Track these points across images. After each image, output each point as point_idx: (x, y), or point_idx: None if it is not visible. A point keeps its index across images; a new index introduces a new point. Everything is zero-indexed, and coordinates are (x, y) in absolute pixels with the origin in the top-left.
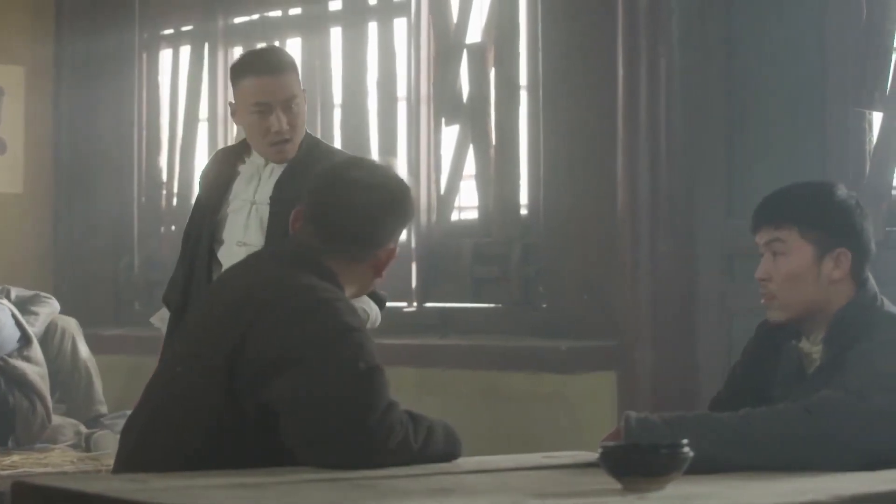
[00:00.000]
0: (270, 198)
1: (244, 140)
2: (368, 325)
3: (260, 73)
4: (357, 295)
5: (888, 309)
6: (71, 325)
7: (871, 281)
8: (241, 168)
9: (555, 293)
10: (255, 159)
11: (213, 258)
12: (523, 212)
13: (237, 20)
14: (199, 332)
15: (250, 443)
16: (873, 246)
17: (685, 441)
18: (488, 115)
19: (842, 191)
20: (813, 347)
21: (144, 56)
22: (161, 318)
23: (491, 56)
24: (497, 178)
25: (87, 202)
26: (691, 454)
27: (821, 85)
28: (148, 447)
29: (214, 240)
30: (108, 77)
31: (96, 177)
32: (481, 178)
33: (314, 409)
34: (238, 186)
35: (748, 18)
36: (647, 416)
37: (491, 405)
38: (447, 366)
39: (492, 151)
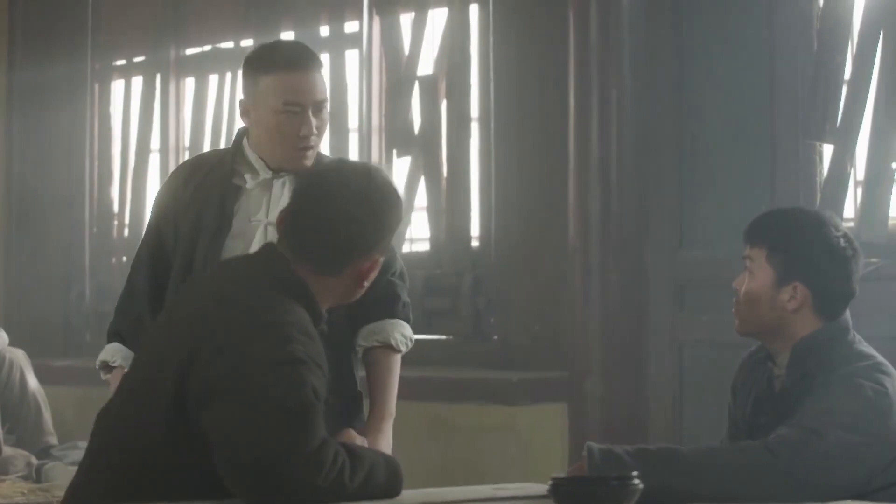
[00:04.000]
0: None
1: (233, 150)
2: (405, 349)
3: (293, 68)
4: (337, 304)
5: (858, 346)
6: (19, 356)
7: (846, 316)
8: (239, 182)
9: (505, 325)
10: (260, 174)
11: None
12: (474, 243)
13: (189, 51)
14: (155, 350)
15: (199, 466)
16: (848, 288)
17: (635, 473)
18: (440, 146)
19: (830, 230)
20: (780, 370)
21: (96, 87)
22: (121, 355)
23: (443, 88)
24: (448, 210)
25: (38, 232)
26: (641, 486)
27: (771, 117)
28: (99, 469)
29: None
30: (59, 107)
31: (47, 207)
32: (433, 209)
33: (238, 445)
34: (244, 204)
35: (699, 50)
36: (610, 448)
37: (441, 437)
38: (398, 397)
39: (443, 183)
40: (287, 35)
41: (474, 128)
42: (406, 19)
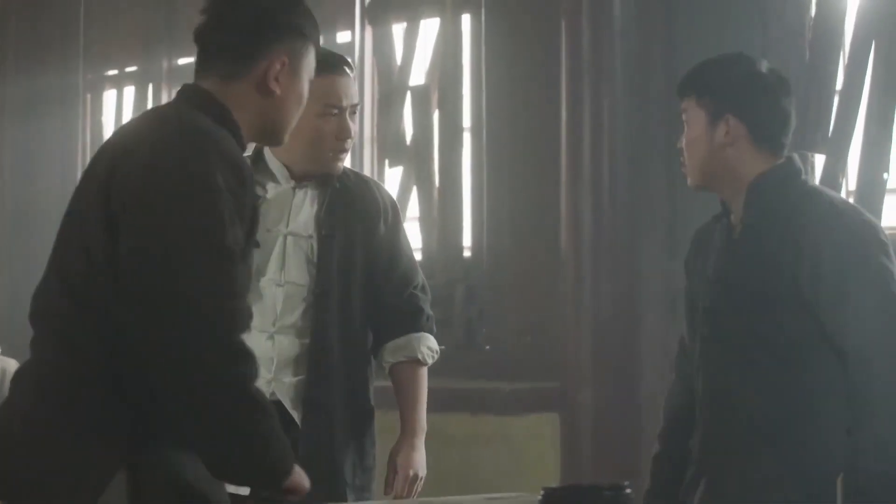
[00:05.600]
0: (322, 232)
1: (253, 159)
2: (431, 362)
3: (332, 71)
4: (256, 133)
5: (812, 185)
6: (12, 366)
7: (796, 158)
8: (259, 192)
9: (498, 335)
10: (282, 183)
11: None
12: (466, 254)
13: (181, 61)
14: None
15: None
16: (781, 114)
17: (627, 483)
18: (432, 157)
19: (752, 62)
20: (737, 219)
21: (88, 96)
22: None
23: (435, 98)
24: (440, 220)
25: (31, 242)
26: (633, 496)
27: None
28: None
29: None
30: (52, 117)
31: (40, 217)
32: (425, 219)
33: (150, 274)
34: (263, 214)
35: (691, 60)
36: None
37: (433, 447)
38: (389, 407)
39: (435, 193)
40: None
41: (466, 138)
42: (398, 29)
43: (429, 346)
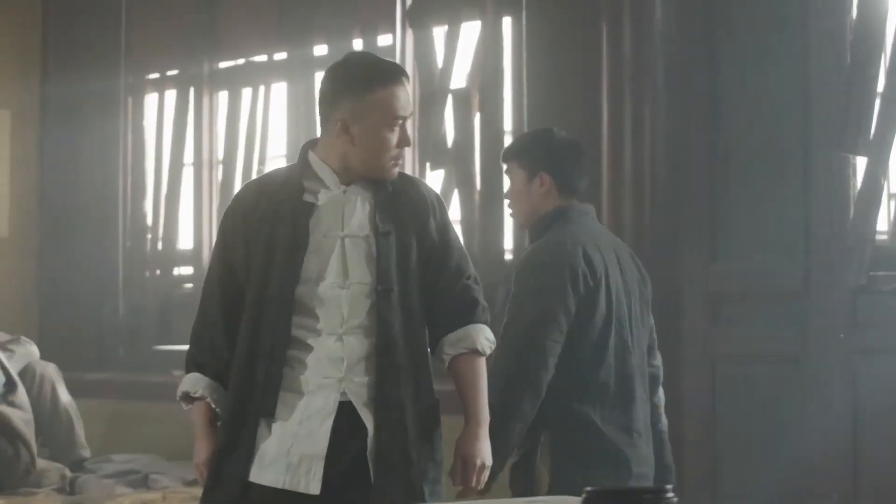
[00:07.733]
0: (379, 231)
1: (300, 166)
2: (489, 352)
3: (398, 82)
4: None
5: (567, 228)
6: (50, 370)
7: (574, 204)
8: (311, 199)
9: None
10: (332, 188)
11: (294, 303)
12: (508, 256)
13: (222, 65)
14: None
15: None
16: (579, 168)
17: (670, 486)
18: (473, 160)
19: (555, 135)
20: None
21: (130, 100)
22: (202, 385)
23: (476, 101)
24: (482, 223)
25: (72, 246)
26: (675, 499)
27: (805, 130)
28: None
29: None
30: (93, 121)
31: (81, 221)
32: (466, 222)
33: None
34: (317, 220)
35: (732, 64)
36: None
37: None
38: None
39: (476, 196)
40: (320, 50)
41: (507, 141)
42: (439, 32)
43: (486, 336)
